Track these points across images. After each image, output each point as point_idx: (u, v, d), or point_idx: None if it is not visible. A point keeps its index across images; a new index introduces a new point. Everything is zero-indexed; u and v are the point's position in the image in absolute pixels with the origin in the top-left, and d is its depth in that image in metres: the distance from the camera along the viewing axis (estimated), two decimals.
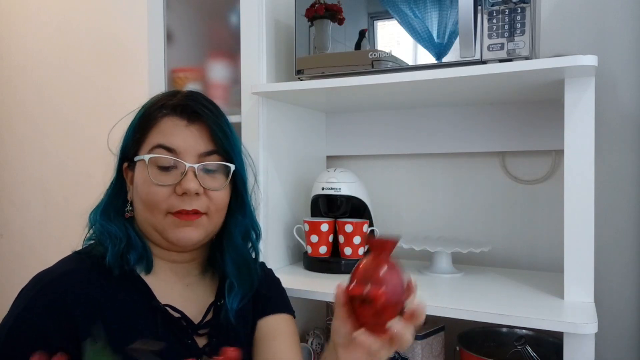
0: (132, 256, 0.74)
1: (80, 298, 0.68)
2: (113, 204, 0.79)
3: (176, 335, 0.74)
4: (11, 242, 2.15)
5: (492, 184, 1.30)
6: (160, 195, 0.73)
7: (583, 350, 0.80)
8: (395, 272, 0.61)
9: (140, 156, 0.76)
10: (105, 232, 0.74)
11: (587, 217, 0.90)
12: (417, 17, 1.02)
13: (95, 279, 0.71)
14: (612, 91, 1.16)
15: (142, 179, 0.75)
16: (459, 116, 1.29)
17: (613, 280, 1.17)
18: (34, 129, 2.08)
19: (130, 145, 0.78)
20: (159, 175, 0.74)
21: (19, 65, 2.11)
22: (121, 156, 0.79)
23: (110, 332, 0.67)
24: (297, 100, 1.24)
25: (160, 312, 0.74)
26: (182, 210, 0.74)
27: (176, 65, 1.31)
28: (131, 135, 0.78)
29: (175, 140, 0.74)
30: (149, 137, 0.76)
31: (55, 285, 0.69)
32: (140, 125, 0.77)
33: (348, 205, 1.21)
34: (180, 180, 0.73)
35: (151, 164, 0.74)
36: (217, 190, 0.77)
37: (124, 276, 0.73)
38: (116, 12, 1.86)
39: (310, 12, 1.12)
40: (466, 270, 1.18)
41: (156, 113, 0.77)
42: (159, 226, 0.75)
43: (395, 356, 1.09)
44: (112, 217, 0.77)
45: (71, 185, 1.96)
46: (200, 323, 0.78)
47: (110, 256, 0.72)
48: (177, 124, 0.76)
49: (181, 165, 0.74)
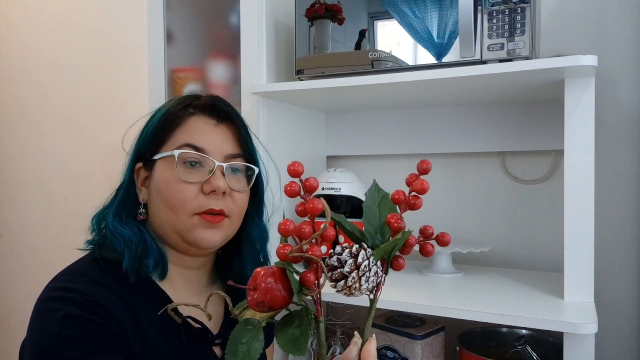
0: (150, 261, 0.72)
1: (116, 304, 0.66)
2: (124, 206, 0.76)
3: (198, 346, 0.74)
4: (11, 242, 2.15)
5: (492, 184, 1.30)
6: (187, 194, 0.72)
7: (583, 350, 0.80)
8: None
9: (163, 153, 0.74)
10: (119, 236, 0.71)
11: (587, 217, 0.90)
12: (417, 17, 1.02)
13: (120, 288, 0.69)
14: (612, 91, 1.16)
15: (165, 177, 0.73)
16: (458, 116, 1.29)
17: (613, 280, 1.17)
18: (34, 129, 2.08)
19: (149, 145, 0.76)
20: (186, 172, 0.72)
21: (19, 65, 2.11)
22: (136, 156, 0.77)
23: (146, 342, 0.66)
24: (297, 100, 1.24)
25: (183, 322, 0.73)
26: (209, 210, 0.72)
27: (176, 65, 1.31)
28: (151, 135, 0.76)
29: (203, 139, 0.74)
30: (175, 135, 0.74)
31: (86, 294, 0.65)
32: (163, 125, 0.76)
33: (348, 205, 1.21)
34: (209, 178, 0.72)
35: (179, 161, 0.72)
36: (241, 192, 0.77)
37: (141, 283, 0.71)
38: (116, 12, 1.86)
39: (310, 12, 1.12)
40: (466, 270, 1.18)
41: (182, 112, 0.75)
42: (182, 227, 0.73)
43: (396, 356, 1.09)
44: (124, 220, 0.74)
45: (71, 185, 1.96)
46: (218, 333, 0.78)
47: (127, 261, 0.69)
48: (207, 122, 0.76)
49: (209, 163, 0.73)
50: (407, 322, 1.13)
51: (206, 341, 0.75)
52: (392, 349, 1.10)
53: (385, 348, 1.12)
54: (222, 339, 0.77)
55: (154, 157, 0.75)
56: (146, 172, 0.77)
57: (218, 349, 0.77)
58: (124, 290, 0.69)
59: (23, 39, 2.09)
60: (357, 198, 1.19)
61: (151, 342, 0.68)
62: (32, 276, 2.02)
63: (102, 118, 1.86)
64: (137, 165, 0.77)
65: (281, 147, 1.23)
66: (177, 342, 0.71)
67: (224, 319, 0.81)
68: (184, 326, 0.73)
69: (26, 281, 2.05)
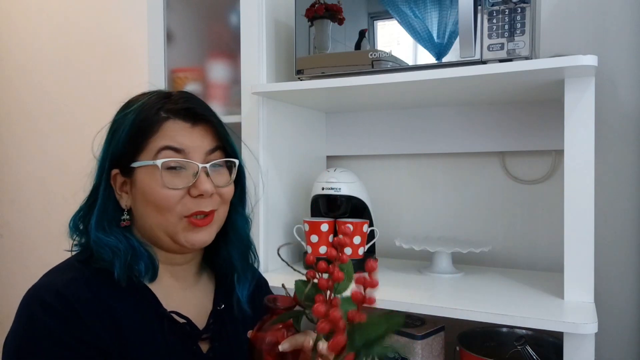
0: (141, 267, 0.72)
1: (92, 306, 0.67)
2: (105, 214, 0.75)
3: (183, 342, 0.74)
4: (11, 242, 2.15)
5: (492, 184, 1.30)
6: (174, 198, 0.72)
7: (583, 350, 0.80)
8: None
9: (143, 162, 0.73)
10: (105, 247, 0.71)
11: (587, 217, 0.90)
12: (417, 17, 1.02)
13: (99, 288, 0.69)
14: (612, 91, 1.16)
15: (149, 185, 0.72)
16: (459, 116, 1.29)
17: (613, 280, 1.17)
18: (34, 129, 2.08)
19: (124, 152, 0.74)
20: (170, 178, 0.72)
21: (19, 65, 2.11)
22: (110, 163, 0.76)
23: (125, 342, 0.67)
24: (297, 100, 1.24)
25: (166, 319, 0.73)
26: (198, 212, 0.73)
27: (176, 65, 1.31)
28: (126, 142, 0.74)
29: (182, 142, 0.73)
30: (152, 141, 0.73)
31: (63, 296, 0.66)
32: (138, 131, 0.74)
33: (348, 205, 1.21)
34: (194, 182, 0.72)
35: (162, 167, 0.72)
36: (226, 186, 0.77)
37: (129, 284, 0.71)
38: (116, 12, 1.86)
39: (310, 12, 1.12)
40: (466, 270, 1.18)
41: (156, 117, 0.74)
42: (172, 230, 0.73)
43: (396, 356, 1.09)
44: (107, 228, 0.73)
45: (71, 185, 1.96)
46: (204, 328, 0.78)
47: (118, 270, 0.70)
48: (183, 127, 0.74)
49: (192, 166, 0.73)
50: (407, 322, 1.13)
51: (192, 336, 0.75)
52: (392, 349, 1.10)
53: None
54: (209, 333, 0.77)
55: (133, 165, 0.74)
56: (123, 178, 0.76)
57: (204, 344, 0.77)
58: (105, 291, 0.69)
59: (23, 39, 2.09)
60: (357, 198, 1.19)
61: (131, 342, 0.68)
62: (32, 276, 2.00)
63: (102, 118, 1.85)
64: (114, 171, 0.76)
65: (281, 147, 1.23)
66: (161, 339, 0.71)
67: (210, 312, 0.80)
68: (169, 322, 0.73)
69: (26, 281, 2.05)
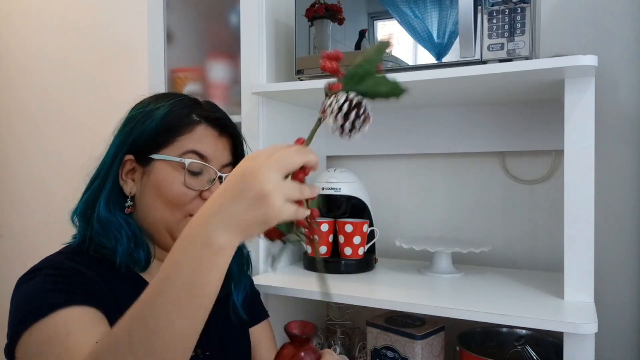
0: (141, 255, 0.74)
1: (95, 279, 0.68)
2: (112, 195, 0.76)
3: None
4: (11, 242, 2.15)
5: (492, 184, 1.30)
6: (187, 197, 0.75)
7: (583, 350, 0.80)
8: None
9: (168, 156, 0.75)
10: (108, 231, 0.72)
11: (587, 217, 0.90)
12: (417, 17, 1.02)
13: (98, 272, 0.70)
14: (612, 91, 1.16)
15: (168, 179, 0.75)
16: (459, 116, 1.29)
17: (613, 280, 1.17)
18: (34, 129, 2.08)
19: (147, 142, 0.76)
20: (191, 179, 0.76)
21: (19, 65, 2.11)
22: (128, 149, 0.77)
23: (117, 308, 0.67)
24: (297, 100, 1.24)
25: None
26: None
27: (176, 65, 1.31)
28: (153, 133, 0.76)
29: (207, 149, 0.78)
30: (181, 140, 0.76)
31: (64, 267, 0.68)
32: (168, 126, 0.76)
33: (348, 205, 1.21)
34: (211, 187, 0.76)
35: (187, 168, 0.76)
36: None
37: (126, 272, 0.73)
38: (116, 12, 1.86)
39: (310, 12, 1.12)
40: (466, 270, 1.18)
41: (188, 119, 0.77)
42: (175, 226, 0.75)
43: (396, 356, 1.09)
44: (112, 211, 0.75)
45: (71, 185, 1.96)
46: None
47: (121, 255, 0.71)
48: (211, 134, 0.79)
49: (211, 172, 0.77)
50: (407, 322, 1.13)
51: None
52: (392, 349, 1.10)
53: (385, 348, 1.12)
54: (202, 339, 0.78)
55: (154, 156, 0.75)
56: (135, 165, 0.77)
57: (198, 348, 0.76)
58: (104, 274, 0.70)
59: (23, 39, 2.09)
60: (357, 198, 1.19)
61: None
62: None
63: (102, 118, 1.86)
64: (128, 156, 0.77)
65: None
66: None
67: None
68: None
69: None
